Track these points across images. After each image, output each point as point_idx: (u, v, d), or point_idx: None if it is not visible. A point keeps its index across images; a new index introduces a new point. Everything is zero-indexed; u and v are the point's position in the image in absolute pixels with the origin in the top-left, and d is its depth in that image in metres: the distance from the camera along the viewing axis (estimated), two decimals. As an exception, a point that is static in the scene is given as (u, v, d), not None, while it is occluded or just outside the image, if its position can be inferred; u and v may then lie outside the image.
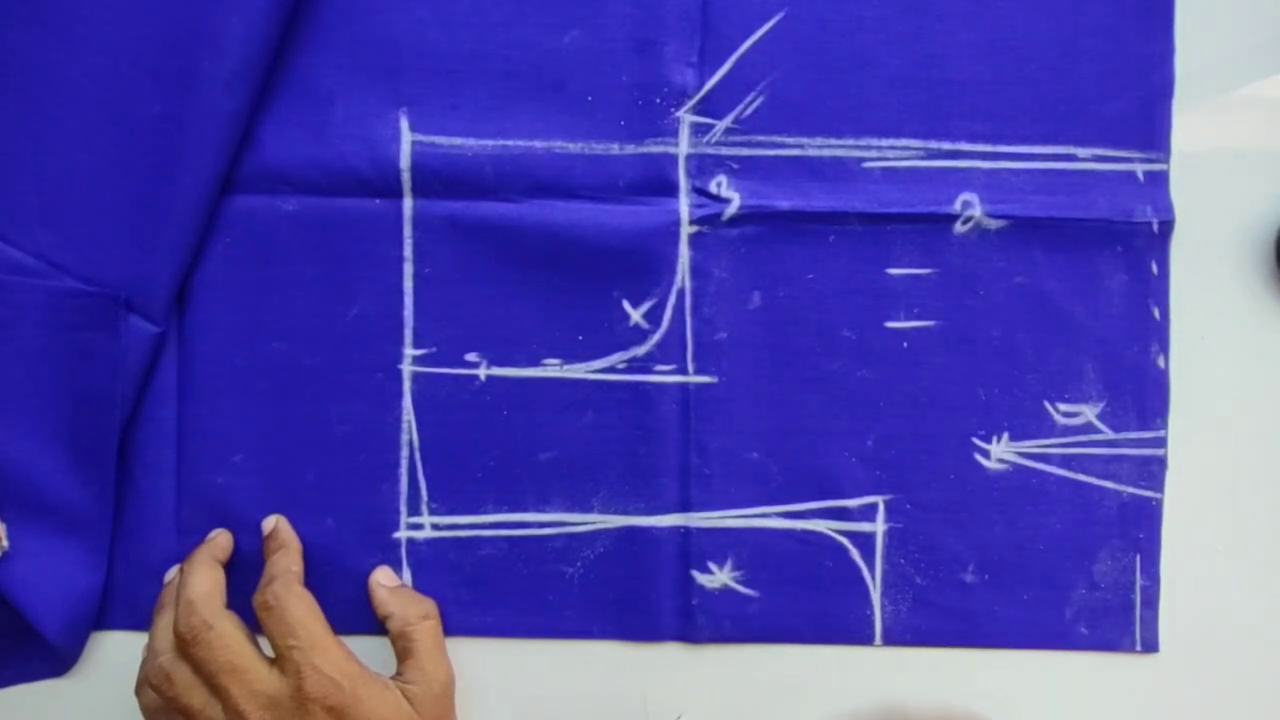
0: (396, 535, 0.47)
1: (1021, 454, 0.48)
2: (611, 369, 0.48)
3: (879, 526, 0.48)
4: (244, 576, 0.46)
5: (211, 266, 0.47)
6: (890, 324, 0.48)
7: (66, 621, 0.45)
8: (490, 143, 0.47)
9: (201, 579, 0.43)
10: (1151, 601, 0.48)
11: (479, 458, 0.47)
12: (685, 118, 0.47)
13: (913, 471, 0.48)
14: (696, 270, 0.47)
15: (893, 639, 0.48)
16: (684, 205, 0.47)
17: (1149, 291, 0.48)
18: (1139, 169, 0.48)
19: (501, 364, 0.48)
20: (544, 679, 0.48)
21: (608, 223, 0.47)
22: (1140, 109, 0.48)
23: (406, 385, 0.47)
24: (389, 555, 0.47)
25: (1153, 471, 0.48)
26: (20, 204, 0.46)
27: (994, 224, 0.47)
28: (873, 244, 0.48)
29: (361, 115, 0.47)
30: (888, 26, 0.47)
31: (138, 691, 0.43)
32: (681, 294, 0.47)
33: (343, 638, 0.44)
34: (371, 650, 0.47)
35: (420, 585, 0.47)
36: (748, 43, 0.47)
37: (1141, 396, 0.48)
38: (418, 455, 0.47)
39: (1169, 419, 0.48)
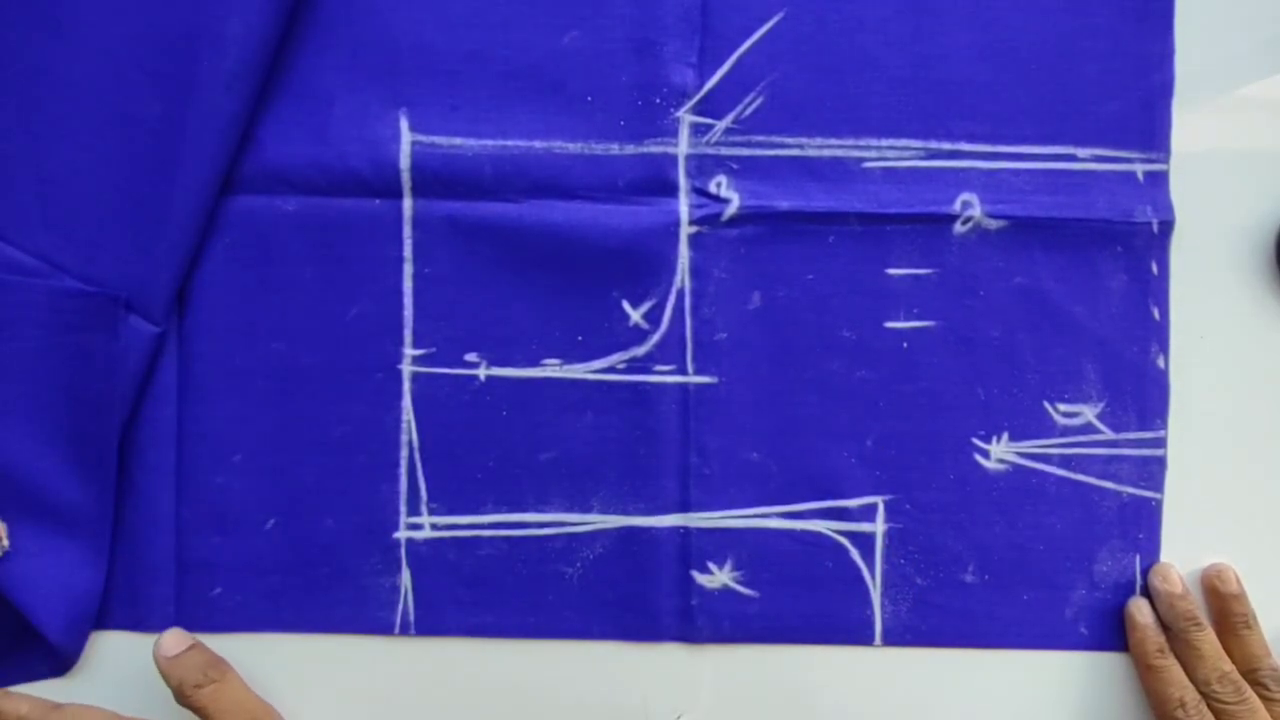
0: (396, 535, 0.47)
1: (1021, 454, 0.48)
2: (611, 369, 0.48)
3: (879, 527, 0.48)
4: (243, 578, 0.47)
5: (211, 266, 0.47)
6: (890, 324, 0.48)
7: (66, 621, 0.45)
8: (490, 143, 0.47)
9: None
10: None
11: (479, 458, 0.47)
12: (685, 118, 0.47)
13: (912, 472, 0.48)
14: (696, 270, 0.47)
15: (893, 639, 0.48)
16: (684, 205, 0.47)
17: (1149, 291, 0.48)
18: (1139, 169, 0.48)
19: (501, 364, 0.48)
20: (544, 679, 0.48)
21: (607, 223, 0.47)
22: (1140, 109, 0.48)
23: (406, 385, 0.47)
24: (388, 555, 0.47)
25: (1152, 471, 0.48)
26: (20, 204, 0.46)
27: (994, 224, 0.47)
28: (872, 244, 0.48)
29: (361, 115, 0.47)
30: (887, 26, 0.47)
31: None
32: (681, 294, 0.47)
33: (344, 638, 0.44)
34: (376, 650, 0.47)
35: (419, 585, 0.47)
36: (747, 43, 0.47)
37: (1141, 397, 0.48)
38: (417, 455, 0.47)
39: (1169, 419, 0.48)
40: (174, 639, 0.45)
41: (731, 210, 0.47)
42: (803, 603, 0.47)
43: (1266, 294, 0.48)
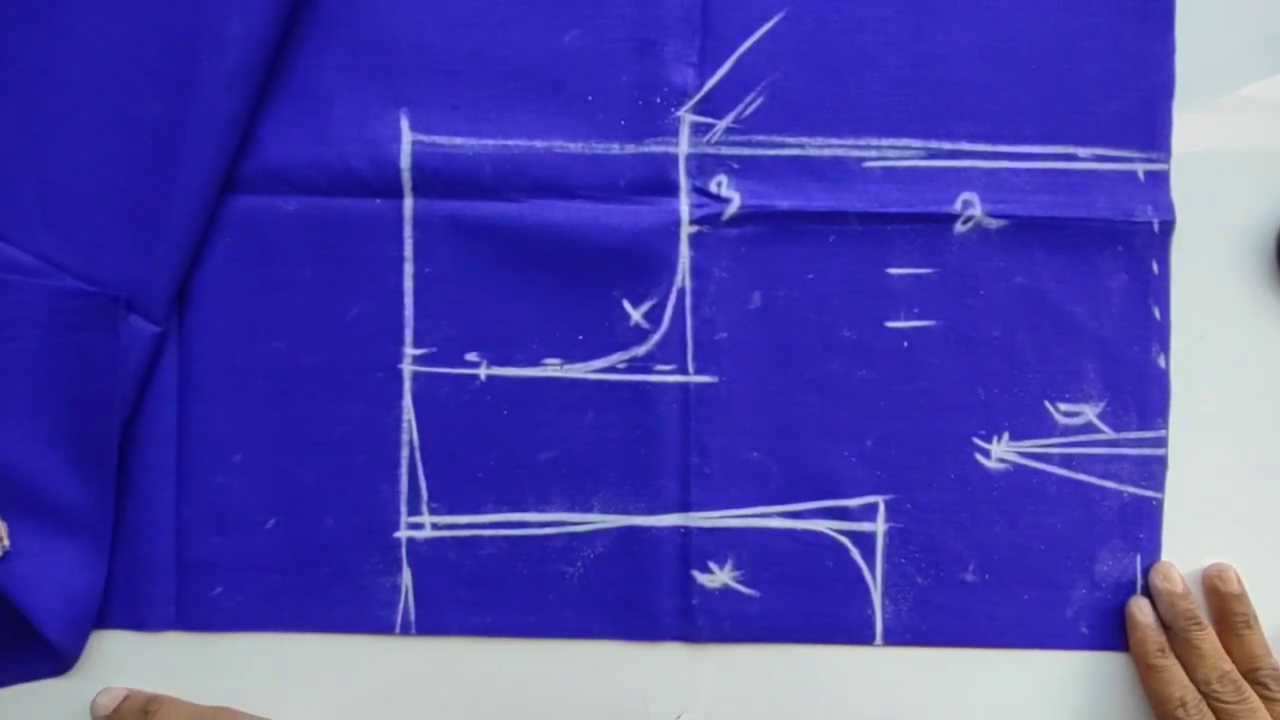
0: (397, 535, 0.47)
1: (1022, 454, 0.48)
2: (611, 369, 0.48)
3: (879, 526, 0.48)
4: (243, 578, 0.47)
5: (211, 266, 0.47)
6: (890, 324, 0.48)
7: (66, 621, 0.45)
8: (490, 143, 0.47)
9: None
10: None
11: (479, 457, 0.47)
12: (685, 117, 0.47)
13: (913, 471, 0.48)
14: (697, 270, 0.47)
15: (893, 639, 0.48)
16: (684, 205, 0.47)
17: (1149, 291, 0.48)
18: (1139, 169, 0.48)
19: (501, 364, 0.48)
20: (544, 679, 0.47)
21: (608, 223, 0.47)
22: (1140, 109, 0.48)
23: (406, 385, 0.47)
24: (389, 555, 0.47)
25: (1153, 471, 0.48)
26: (21, 204, 0.46)
27: (994, 224, 0.47)
28: (873, 244, 0.48)
29: (361, 115, 0.47)
30: (888, 26, 0.47)
31: None
32: (681, 294, 0.47)
33: (344, 638, 0.44)
34: (376, 650, 0.47)
35: (420, 585, 0.47)
36: (748, 43, 0.47)
37: (1142, 396, 0.48)
38: (418, 455, 0.47)
39: (1169, 419, 0.48)
40: (106, 697, 0.46)
41: (732, 210, 0.47)
42: (803, 602, 0.47)
43: (1266, 294, 0.48)
